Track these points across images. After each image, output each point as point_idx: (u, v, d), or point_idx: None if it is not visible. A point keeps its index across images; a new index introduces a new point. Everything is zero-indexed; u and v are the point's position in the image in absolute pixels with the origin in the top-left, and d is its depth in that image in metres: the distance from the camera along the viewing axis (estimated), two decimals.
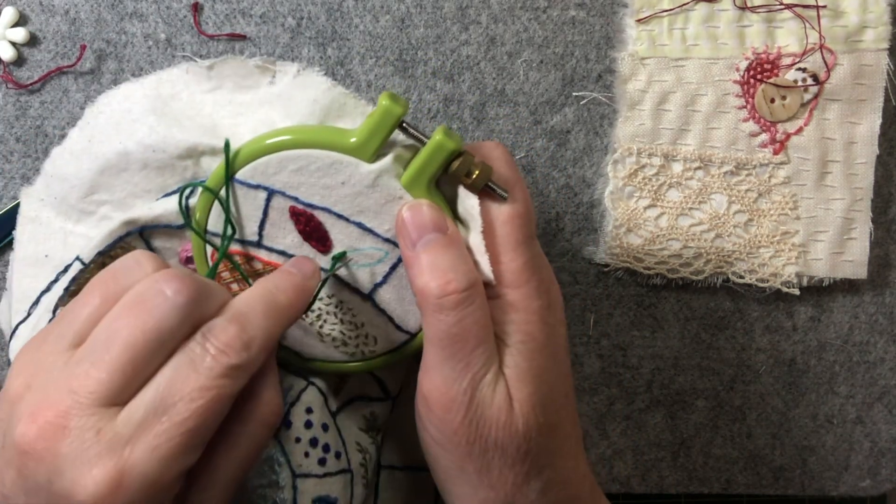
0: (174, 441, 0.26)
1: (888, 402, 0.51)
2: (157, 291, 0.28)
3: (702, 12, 0.46)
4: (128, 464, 0.26)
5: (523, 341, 0.32)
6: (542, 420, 0.32)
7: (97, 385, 0.26)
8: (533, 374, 0.32)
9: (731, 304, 0.49)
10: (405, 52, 0.46)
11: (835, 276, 0.48)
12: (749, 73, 0.46)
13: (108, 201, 0.37)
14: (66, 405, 0.26)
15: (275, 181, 0.33)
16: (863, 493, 0.52)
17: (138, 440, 0.26)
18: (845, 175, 0.47)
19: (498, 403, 0.32)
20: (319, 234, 0.34)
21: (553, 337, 0.33)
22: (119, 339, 0.27)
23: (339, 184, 0.33)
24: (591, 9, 0.47)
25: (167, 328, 0.27)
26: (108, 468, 0.26)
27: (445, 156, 0.32)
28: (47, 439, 0.26)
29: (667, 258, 0.47)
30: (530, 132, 0.47)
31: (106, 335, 0.27)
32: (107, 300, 0.29)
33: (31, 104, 0.45)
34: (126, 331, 0.27)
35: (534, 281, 0.33)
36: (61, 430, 0.26)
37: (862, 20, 0.45)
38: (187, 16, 0.45)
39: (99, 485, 0.26)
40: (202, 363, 0.27)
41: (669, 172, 0.47)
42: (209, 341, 0.28)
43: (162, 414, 0.26)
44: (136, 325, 0.27)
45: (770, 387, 0.50)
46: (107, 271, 0.30)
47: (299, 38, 0.45)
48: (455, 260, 0.31)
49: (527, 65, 0.47)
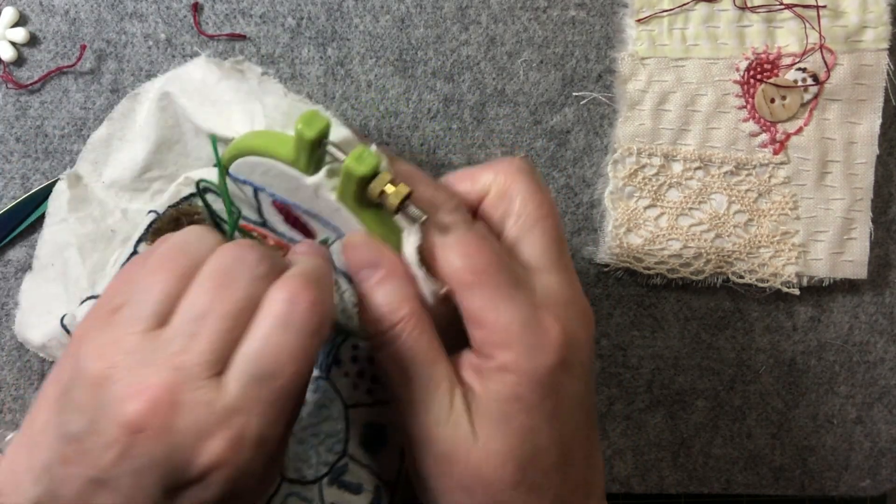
0: (280, 402, 0.27)
1: (888, 402, 0.51)
2: (240, 261, 0.28)
3: (702, 12, 0.46)
4: (243, 430, 0.27)
5: (506, 400, 0.30)
6: (520, 477, 0.30)
7: (199, 357, 0.27)
8: (512, 431, 0.30)
9: (731, 304, 0.49)
10: (405, 52, 0.46)
11: (835, 276, 0.48)
12: (749, 73, 0.46)
13: (160, 177, 0.40)
14: (172, 381, 0.27)
15: (254, 178, 0.35)
16: (863, 493, 0.52)
17: (249, 407, 0.27)
18: (845, 175, 0.47)
19: (454, 440, 0.30)
20: (300, 225, 0.35)
21: (555, 397, 0.30)
22: (213, 312, 0.27)
23: (295, 188, 0.33)
24: (591, 9, 0.47)
25: (256, 296, 0.28)
26: (224, 437, 0.26)
27: (356, 180, 0.31)
28: (160, 415, 0.26)
29: (667, 258, 0.47)
30: (530, 132, 0.47)
31: (198, 310, 0.28)
32: (182, 277, 0.29)
33: (31, 104, 0.45)
34: (218, 303, 0.28)
35: (528, 337, 0.29)
36: (173, 406, 0.26)
37: (862, 20, 0.45)
38: (187, 16, 0.45)
39: (219, 454, 0.26)
40: (292, 323, 0.28)
41: (669, 172, 0.47)
42: (296, 303, 0.28)
43: (265, 379, 0.27)
44: (226, 297, 0.28)
45: (770, 387, 0.50)
46: (171, 249, 0.30)
47: (299, 38, 0.45)
48: (384, 300, 0.31)
49: (527, 65, 0.47)
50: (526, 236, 0.32)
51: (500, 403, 0.30)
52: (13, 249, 0.45)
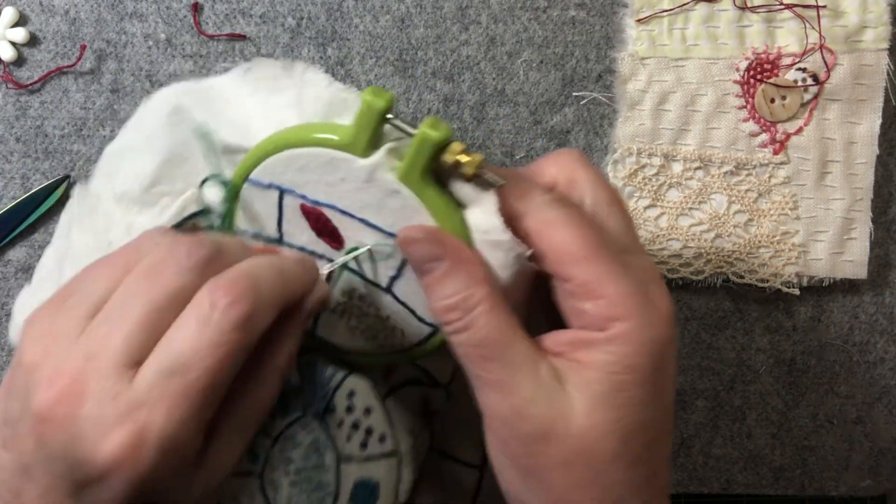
0: (190, 399, 0.26)
1: (888, 402, 0.51)
2: (171, 253, 0.28)
3: (702, 12, 0.46)
4: (146, 426, 0.26)
5: (620, 371, 0.29)
6: (622, 450, 0.29)
7: (113, 349, 0.26)
8: (620, 402, 0.29)
9: (731, 304, 0.49)
10: (405, 52, 0.46)
11: (835, 276, 0.48)
12: (749, 73, 0.46)
13: (168, 192, 0.39)
14: (83, 370, 0.26)
15: (284, 180, 0.34)
16: (863, 493, 0.52)
17: (154, 401, 0.26)
18: (845, 175, 0.47)
19: (549, 415, 0.29)
20: (329, 230, 0.35)
21: (663, 371, 0.30)
22: (135, 302, 0.27)
23: (339, 180, 0.33)
24: (591, 9, 0.47)
25: (181, 287, 0.27)
26: (127, 431, 0.26)
27: (432, 148, 0.31)
28: (66, 405, 0.26)
29: (667, 258, 0.47)
30: (530, 132, 0.47)
31: (122, 299, 0.27)
32: (126, 270, 0.28)
33: (31, 104, 0.45)
34: (141, 294, 0.27)
35: (644, 309, 0.29)
36: (80, 396, 0.26)
37: (862, 20, 0.45)
38: (187, 16, 0.45)
39: (119, 448, 0.26)
40: (211, 319, 0.27)
41: (669, 172, 0.47)
42: (217, 295, 0.27)
43: (176, 373, 0.26)
44: (150, 289, 0.27)
45: (770, 387, 0.50)
46: (127, 246, 0.30)
47: (299, 38, 0.45)
48: (453, 288, 0.30)
49: (527, 65, 0.47)
50: (606, 220, 0.32)
51: (611, 375, 0.29)
52: (13, 249, 0.45)
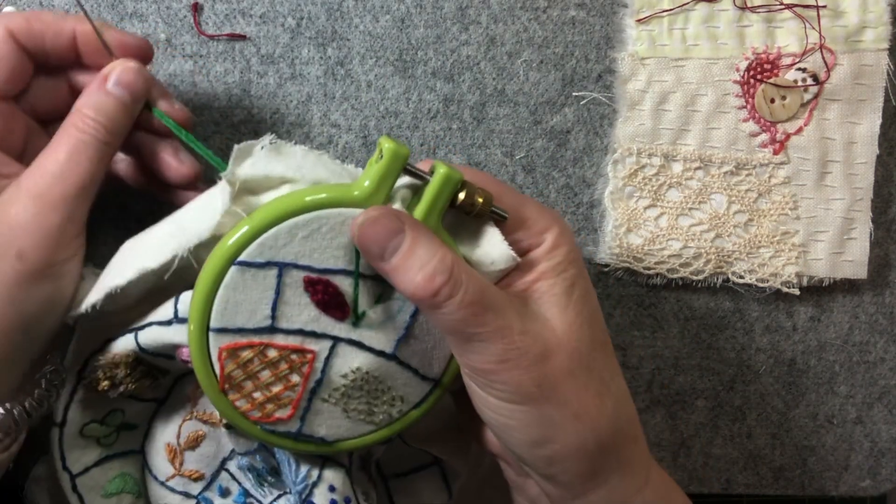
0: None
1: (888, 402, 0.51)
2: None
3: (702, 12, 0.46)
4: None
5: (566, 269, 0.34)
6: (593, 334, 0.33)
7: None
8: (575, 298, 0.33)
9: (731, 304, 0.49)
10: (405, 52, 0.46)
11: (835, 276, 0.48)
12: (749, 73, 0.46)
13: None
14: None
15: (285, 254, 0.32)
16: (863, 493, 0.52)
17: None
18: (845, 175, 0.47)
19: (543, 334, 0.32)
20: (338, 301, 0.34)
21: (584, 274, 0.35)
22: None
23: (345, 245, 0.33)
24: (591, 9, 0.47)
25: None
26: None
27: (453, 187, 0.32)
28: None
29: (667, 258, 0.47)
30: (530, 132, 0.47)
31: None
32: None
33: None
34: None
35: (559, 222, 0.34)
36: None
37: (862, 20, 0.45)
38: (187, 16, 0.45)
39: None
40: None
41: (669, 172, 0.47)
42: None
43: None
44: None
45: (770, 387, 0.50)
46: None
47: (299, 38, 0.45)
48: (427, 254, 0.31)
49: (527, 65, 0.47)
50: (491, 184, 0.36)
51: (561, 274, 0.34)
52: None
